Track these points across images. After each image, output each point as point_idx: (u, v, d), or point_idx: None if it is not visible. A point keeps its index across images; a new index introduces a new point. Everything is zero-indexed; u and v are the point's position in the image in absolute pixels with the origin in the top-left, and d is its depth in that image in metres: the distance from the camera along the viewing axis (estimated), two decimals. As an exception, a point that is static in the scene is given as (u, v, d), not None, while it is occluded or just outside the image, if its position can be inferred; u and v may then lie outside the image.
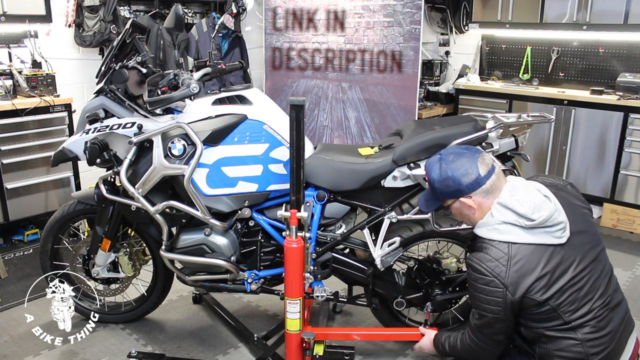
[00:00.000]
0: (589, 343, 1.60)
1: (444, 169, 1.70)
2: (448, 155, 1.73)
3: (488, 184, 1.67)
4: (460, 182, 1.67)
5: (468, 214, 1.74)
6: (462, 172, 1.67)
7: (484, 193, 1.68)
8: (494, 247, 1.63)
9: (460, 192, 1.69)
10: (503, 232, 1.64)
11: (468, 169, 1.67)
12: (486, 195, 1.68)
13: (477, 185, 1.67)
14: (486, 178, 1.67)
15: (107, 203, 2.38)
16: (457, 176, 1.67)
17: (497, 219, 1.65)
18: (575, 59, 4.41)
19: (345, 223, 2.37)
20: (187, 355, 2.45)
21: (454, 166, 1.69)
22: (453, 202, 1.74)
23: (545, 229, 1.61)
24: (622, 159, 3.87)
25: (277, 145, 2.21)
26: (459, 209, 1.75)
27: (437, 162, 1.74)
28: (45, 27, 3.71)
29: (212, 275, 2.31)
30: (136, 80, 2.21)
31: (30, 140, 3.43)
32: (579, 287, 1.61)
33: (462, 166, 1.68)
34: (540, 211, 1.60)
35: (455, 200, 1.72)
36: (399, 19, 3.97)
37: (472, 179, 1.67)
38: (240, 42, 4.67)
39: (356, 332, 2.46)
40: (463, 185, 1.67)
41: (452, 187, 1.69)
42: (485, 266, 1.62)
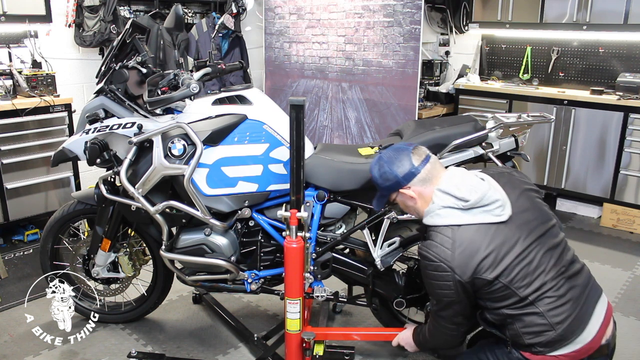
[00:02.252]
0: (550, 313, 1.62)
1: (381, 165, 1.81)
2: (385, 153, 1.84)
3: (423, 173, 1.76)
4: (396, 174, 1.77)
5: (412, 205, 1.81)
6: (396, 164, 1.78)
7: (421, 182, 1.76)
8: (439, 232, 1.69)
9: (398, 184, 1.78)
10: (444, 216, 1.70)
11: (402, 161, 1.78)
12: (424, 184, 1.76)
13: (412, 175, 1.76)
14: (420, 167, 1.76)
15: (107, 203, 2.38)
16: (393, 169, 1.78)
17: (438, 204, 1.72)
18: (575, 59, 4.41)
19: (345, 223, 2.37)
20: (187, 355, 2.45)
21: (389, 161, 1.80)
22: (396, 196, 1.83)
23: (483, 208, 1.67)
24: (622, 159, 3.87)
25: (277, 145, 2.21)
26: (403, 201, 1.83)
27: (377, 160, 1.85)
28: (45, 27, 3.71)
29: (212, 275, 2.31)
30: (136, 80, 2.21)
31: (30, 140, 3.43)
32: (528, 261, 1.65)
33: (397, 159, 1.79)
34: (475, 192, 1.67)
35: (397, 193, 1.81)
36: (399, 19, 3.97)
37: (406, 169, 1.76)
38: (240, 42, 4.67)
39: (356, 332, 2.46)
40: (399, 177, 1.77)
41: (390, 180, 1.79)
42: (432, 252, 1.68)
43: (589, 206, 4.26)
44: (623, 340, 2.58)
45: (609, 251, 3.63)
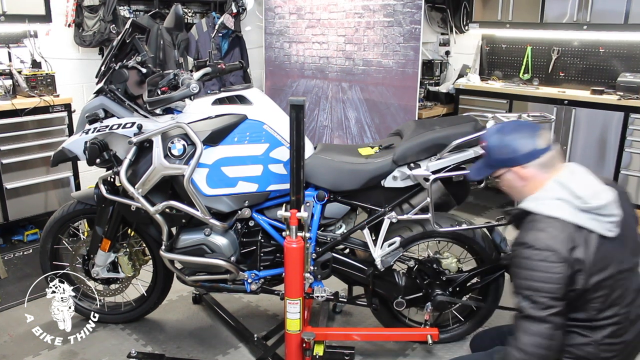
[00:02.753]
0: (602, 347, 1.58)
1: (503, 136, 1.68)
2: (508, 125, 1.74)
3: (545, 158, 1.63)
4: (517, 150, 1.64)
5: (518, 187, 1.69)
6: (520, 141, 1.65)
7: (540, 166, 1.64)
8: (547, 223, 1.57)
9: (515, 160, 1.65)
10: (556, 208, 1.58)
11: (527, 138, 1.65)
12: (541, 169, 1.64)
13: (533, 156, 1.63)
14: (544, 151, 1.63)
15: (106, 203, 2.38)
16: (515, 144, 1.65)
17: (552, 194, 1.60)
18: (576, 58, 4.41)
19: (345, 223, 2.37)
20: (187, 356, 2.45)
21: (513, 135, 1.67)
22: (505, 172, 1.70)
23: (598, 217, 1.57)
24: (623, 159, 3.87)
25: (277, 145, 2.20)
26: (511, 180, 1.70)
27: (497, 130, 1.73)
28: (45, 27, 3.71)
29: (212, 275, 2.31)
30: (136, 80, 2.21)
31: (29, 140, 3.43)
32: (613, 288, 1.57)
33: (521, 135, 1.66)
34: (599, 197, 1.56)
35: (509, 170, 1.68)
36: (399, 19, 3.97)
37: (529, 148, 1.63)
38: (240, 42, 4.67)
39: (356, 332, 2.46)
40: (519, 154, 1.64)
41: (508, 155, 1.66)
42: (541, 242, 1.54)
43: (589, 206, 4.25)
44: (623, 341, 2.58)
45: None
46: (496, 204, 4.21)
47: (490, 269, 2.32)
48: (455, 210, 2.38)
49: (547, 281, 1.52)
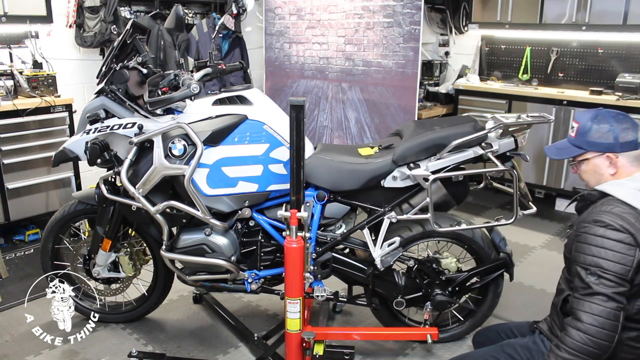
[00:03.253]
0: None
1: (604, 120, 1.67)
2: (610, 112, 1.71)
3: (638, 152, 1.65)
4: (618, 137, 1.64)
5: (603, 174, 1.68)
6: (624, 128, 1.65)
7: (632, 158, 1.65)
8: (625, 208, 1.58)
9: (612, 147, 1.65)
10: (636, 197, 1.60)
11: (629, 129, 1.65)
12: (632, 162, 1.66)
13: (632, 146, 1.64)
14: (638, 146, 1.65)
15: (107, 203, 2.39)
16: (618, 130, 1.64)
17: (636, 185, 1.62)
18: (575, 59, 4.42)
19: (345, 223, 2.38)
20: (187, 355, 2.46)
21: (617, 120, 1.66)
22: (595, 157, 1.69)
23: None
24: (622, 159, 3.87)
25: (277, 145, 2.21)
26: (597, 166, 1.69)
27: (599, 113, 1.70)
28: (46, 27, 3.72)
29: (212, 275, 2.32)
30: (137, 80, 2.21)
31: (31, 140, 3.43)
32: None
33: (625, 124, 1.65)
34: None
35: (601, 155, 1.67)
36: (398, 20, 3.98)
37: (630, 138, 1.64)
38: (240, 42, 4.68)
39: (356, 332, 2.47)
40: (619, 141, 1.64)
41: (607, 139, 1.65)
42: (619, 223, 1.55)
43: (588, 206, 4.26)
44: (622, 340, 2.58)
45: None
46: (495, 204, 4.22)
47: (490, 268, 2.33)
48: (454, 210, 2.39)
49: (619, 261, 1.53)
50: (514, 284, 2.85)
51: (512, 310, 2.78)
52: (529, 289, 3.07)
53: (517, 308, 2.82)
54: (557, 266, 3.43)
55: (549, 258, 3.50)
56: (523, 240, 3.74)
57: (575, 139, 1.73)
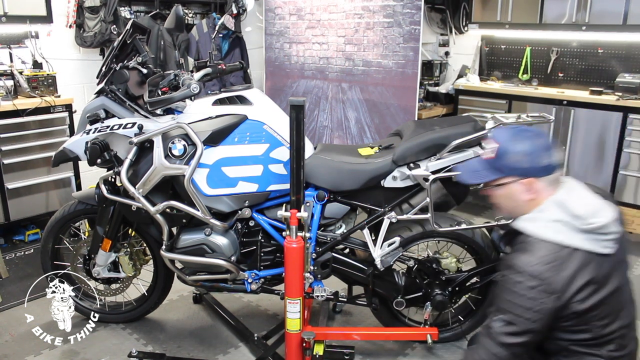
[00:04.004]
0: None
1: (522, 142, 1.54)
2: (524, 131, 1.58)
3: (554, 175, 1.54)
4: (536, 162, 1.52)
5: (518, 201, 1.57)
6: (539, 151, 1.52)
7: (548, 182, 1.54)
8: (542, 248, 1.48)
9: (529, 172, 1.53)
10: (553, 231, 1.49)
11: (546, 151, 1.53)
12: (548, 186, 1.54)
13: (547, 171, 1.52)
14: (556, 168, 1.54)
15: (107, 203, 2.39)
16: (537, 154, 1.52)
17: (549, 216, 1.51)
18: (575, 59, 4.42)
19: (345, 223, 2.38)
20: (187, 355, 2.46)
21: (533, 143, 1.54)
22: (512, 182, 1.56)
23: (597, 236, 1.49)
24: (621, 160, 3.88)
25: (277, 145, 2.21)
26: (516, 192, 1.57)
27: (513, 134, 1.57)
28: (46, 27, 3.72)
29: (212, 275, 2.32)
30: (137, 80, 2.22)
31: (31, 140, 3.44)
32: (614, 302, 1.52)
33: (542, 146, 1.54)
34: (598, 216, 1.48)
35: (516, 181, 1.55)
36: (398, 20, 3.98)
37: (546, 163, 1.52)
38: (240, 42, 4.68)
39: (356, 332, 2.47)
40: (536, 165, 1.52)
41: (524, 164, 1.52)
42: (533, 269, 1.45)
43: (588, 206, 4.26)
44: (622, 340, 2.58)
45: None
46: (496, 204, 4.22)
47: (490, 268, 2.33)
48: (454, 210, 2.39)
49: (531, 310, 1.46)
50: (514, 284, 2.85)
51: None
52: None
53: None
54: (557, 266, 3.43)
55: (549, 258, 3.50)
56: (523, 240, 3.73)
57: (494, 161, 1.59)
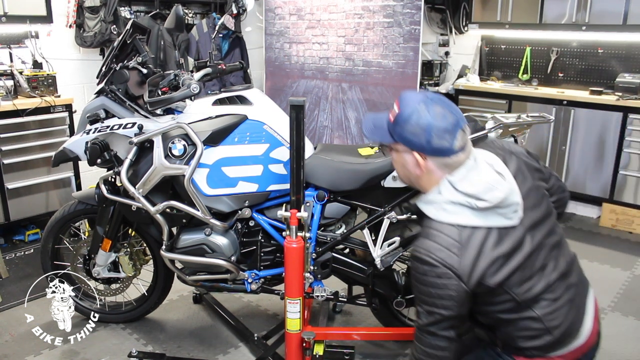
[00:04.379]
0: (547, 317, 1.49)
1: (425, 116, 1.45)
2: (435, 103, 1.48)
3: (452, 160, 1.47)
4: (431, 141, 1.45)
5: (411, 173, 1.55)
6: (439, 131, 1.44)
7: (442, 165, 1.49)
8: (442, 232, 1.44)
9: (422, 148, 1.47)
10: (452, 213, 1.46)
11: (447, 132, 1.45)
12: (442, 168, 1.49)
13: (442, 153, 1.46)
14: (455, 153, 1.47)
15: (107, 203, 2.39)
16: (433, 133, 1.44)
17: (445, 197, 1.47)
18: (575, 59, 4.42)
19: (345, 223, 2.38)
20: (187, 355, 2.46)
21: (436, 120, 1.45)
22: (405, 152, 1.52)
23: (498, 211, 1.45)
24: (621, 159, 3.88)
25: (277, 145, 2.21)
26: (406, 161, 1.54)
27: (422, 102, 1.48)
28: (46, 27, 3.72)
29: (212, 275, 2.32)
30: (137, 80, 2.21)
31: (31, 140, 3.44)
32: (532, 265, 1.49)
33: (443, 125, 1.45)
34: (493, 191, 1.44)
35: (409, 153, 1.51)
36: (398, 20, 3.98)
37: (443, 145, 1.45)
38: (240, 42, 4.69)
39: (356, 332, 2.47)
40: (431, 144, 1.45)
41: (419, 138, 1.46)
42: (435, 256, 1.42)
43: (588, 206, 4.27)
44: (623, 340, 2.59)
45: (608, 251, 3.64)
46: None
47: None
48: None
49: (444, 298, 1.43)
50: (514, 284, 2.85)
51: (512, 310, 2.78)
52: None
53: (517, 308, 2.83)
54: (557, 266, 3.43)
55: (549, 258, 3.50)
56: (523, 240, 3.74)
57: (392, 125, 1.53)
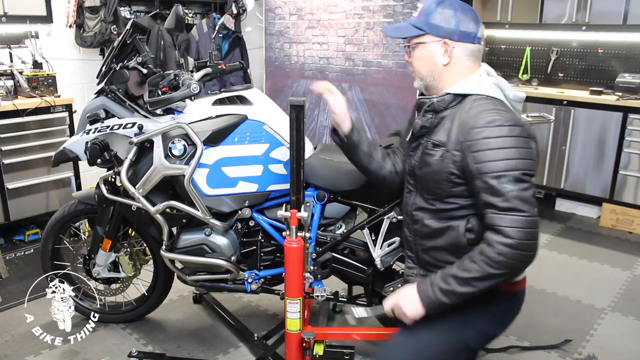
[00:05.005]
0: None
1: (453, 6, 1.54)
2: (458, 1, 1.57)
3: (476, 47, 1.55)
4: (459, 24, 1.52)
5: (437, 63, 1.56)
6: (467, 18, 1.53)
7: (469, 52, 1.55)
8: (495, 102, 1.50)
9: (451, 32, 1.52)
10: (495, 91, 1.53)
11: (473, 20, 1.54)
12: (468, 55, 1.55)
13: (469, 38, 1.53)
14: (479, 41, 1.55)
15: (107, 203, 2.39)
16: (462, 18, 1.52)
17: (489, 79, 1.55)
18: (575, 59, 4.42)
19: (345, 223, 2.38)
20: (187, 355, 2.46)
21: (463, 9, 1.54)
22: (432, 42, 1.56)
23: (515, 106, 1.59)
24: (621, 159, 3.88)
25: (277, 145, 2.21)
26: (432, 52, 1.56)
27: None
28: (46, 27, 3.73)
29: (212, 275, 2.32)
30: (137, 80, 2.21)
31: (31, 140, 3.44)
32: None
33: (470, 15, 1.54)
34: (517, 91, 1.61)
35: (438, 41, 1.55)
36: (398, 20, 3.98)
37: (471, 29, 1.53)
38: (240, 42, 4.69)
39: (356, 332, 2.46)
40: (459, 29, 1.52)
41: (449, 24, 1.52)
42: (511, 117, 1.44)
43: (588, 206, 4.27)
44: (623, 340, 2.59)
45: (608, 251, 3.64)
46: (496, 204, 4.23)
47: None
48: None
49: (527, 157, 1.41)
50: (514, 284, 2.84)
51: (512, 310, 2.78)
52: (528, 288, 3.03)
53: (517, 308, 2.82)
54: (557, 266, 3.44)
55: (549, 258, 3.50)
56: (523, 240, 3.73)
57: (416, 19, 1.59)
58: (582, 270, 3.35)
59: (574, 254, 3.56)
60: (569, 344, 2.53)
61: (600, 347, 2.53)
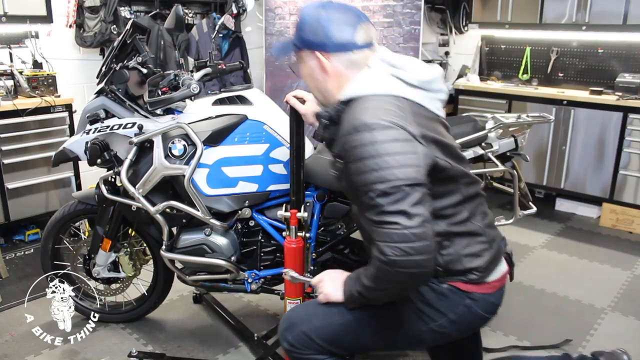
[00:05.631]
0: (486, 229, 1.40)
1: (322, 13, 1.41)
2: (332, 4, 1.44)
3: (357, 56, 1.41)
4: (329, 35, 1.39)
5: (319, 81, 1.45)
6: (338, 25, 1.40)
7: (349, 63, 1.41)
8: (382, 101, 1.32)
9: (323, 45, 1.40)
10: (386, 84, 1.36)
11: (346, 25, 1.40)
12: (349, 67, 1.41)
13: (344, 48, 1.40)
14: (359, 48, 1.41)
15: (107, 203, 2.39)
16: (331, 27, 1.39)
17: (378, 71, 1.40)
18: (575, 59, 4.42)
19: (345, 223, 2.38)
20: (187, 355, 2.46)
21: (333, 15, 1.41)
22: (309, 58, 1.45)
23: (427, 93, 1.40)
24: (621, 159, 3.88)
25: (277, 145, 2.21)
26: (312, 69, 1.45)
27: (319, 6, 1.45)
28: (46, 27, 3.72)
29: (212, 275, 2.32)
30: (137, 80, 2.21)
31: (31, 140, 3.43)
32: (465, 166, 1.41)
33: (342, 21, 1.40)
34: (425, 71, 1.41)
35: (312, 54, 1.43)
36: (398, 20, 3.98)
37: (343, 39, 1.39)
38: (240, 42, 4.68)
39: (356, 331, 2.46)
40: (331, 39, 1.39)
41: (317, 35, 1.40)
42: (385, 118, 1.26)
43: (588, 206, 4.27)
44: (623, 341, 2.59)
45: (608, 251, 3.64)
46: (495, 204, 4.22)
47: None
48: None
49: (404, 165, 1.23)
50: (514, 284, 2.86)
51: (512, 310, 2.78)
52: (529, 288, 3.07)
53: (517, 308, 2.83)
54: (557, 266, 3.44)
55: (549, 258, 3.51)
56: (523, 240, 3.74)
57: (294, 35, 1.48)
58: (582, 270, 3.35)
59: (574, 254, 3.56)
60: (569, 344, 2.53)
61: (600, 347, 2.53)
